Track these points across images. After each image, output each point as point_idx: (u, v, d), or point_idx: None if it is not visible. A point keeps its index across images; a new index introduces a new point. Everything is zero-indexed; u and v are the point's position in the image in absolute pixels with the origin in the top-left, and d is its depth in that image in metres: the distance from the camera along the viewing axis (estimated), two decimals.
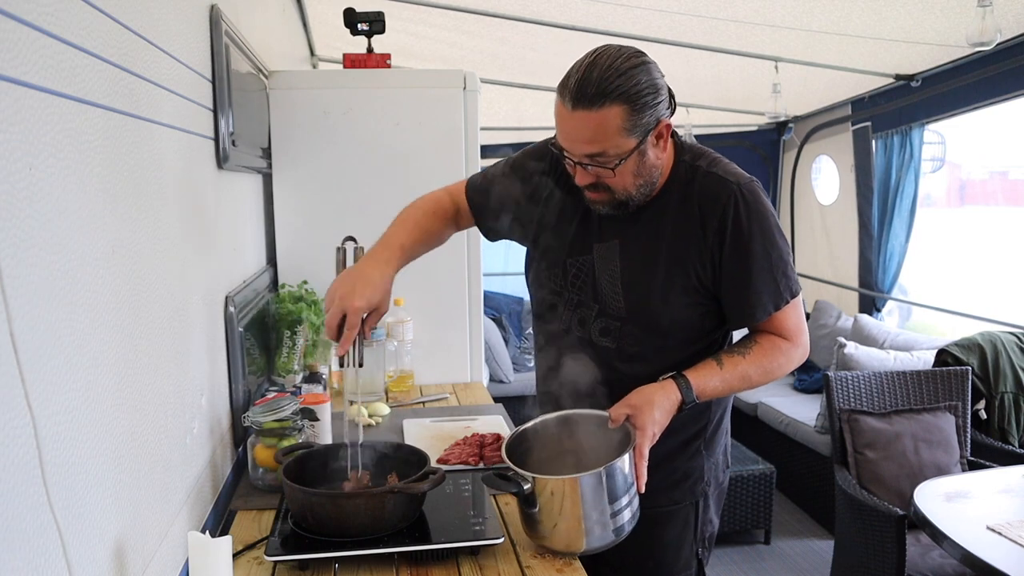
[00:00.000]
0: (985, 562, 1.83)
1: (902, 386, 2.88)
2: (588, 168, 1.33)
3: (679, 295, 1.40)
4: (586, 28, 3.26)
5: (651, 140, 1.32)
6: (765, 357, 1.40)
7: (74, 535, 0.81)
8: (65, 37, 0.83)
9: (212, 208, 1.60)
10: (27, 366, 0.71)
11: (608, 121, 1.26)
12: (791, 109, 4.91)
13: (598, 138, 1.28)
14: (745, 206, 1.35)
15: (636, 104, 1.27)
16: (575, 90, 1.26)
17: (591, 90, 1.25)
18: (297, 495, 1.29)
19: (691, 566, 1.56)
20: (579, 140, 1.30)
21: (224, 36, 1.60)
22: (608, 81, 1.25)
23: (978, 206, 12.52)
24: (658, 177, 1.39)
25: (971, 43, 2.58)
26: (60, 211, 0.81)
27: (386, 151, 2.40)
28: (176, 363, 1.26)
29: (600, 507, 1.26)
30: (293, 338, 2.08)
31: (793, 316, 1.41)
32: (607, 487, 1.26)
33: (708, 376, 1.37)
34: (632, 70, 1.27)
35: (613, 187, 1.35)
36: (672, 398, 1.34)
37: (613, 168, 1.31)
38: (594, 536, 1.28)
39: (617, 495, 1.27)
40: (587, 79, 1.26)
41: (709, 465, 1.54)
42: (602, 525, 1.28)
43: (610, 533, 1.29)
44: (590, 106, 1.26)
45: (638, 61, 1.29)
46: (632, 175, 1.34)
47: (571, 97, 1.27)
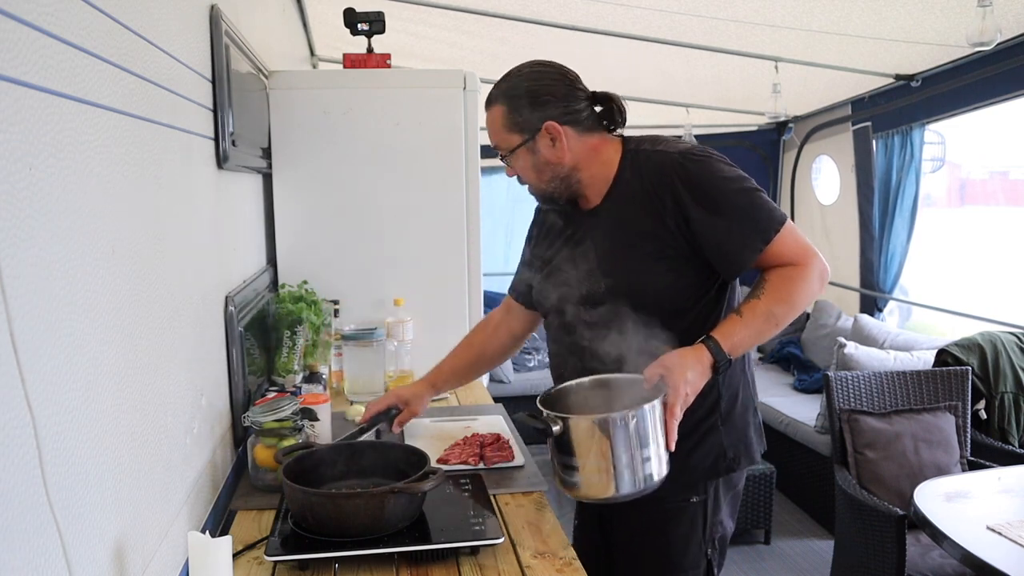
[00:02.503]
0: (985, 562, 1.83)
1: (902, 386, 2.87)
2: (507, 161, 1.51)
3: (653, 263, 1.45)
4: (586, 28, 3.26)
5: (542, 140, 1.46)
6: (781, 288, 1.41)
7: (74, 535, 0.81)
8: (65, 37, 0.83)
9: (212, 208, 1.60)
10: (27, 366, 0.71)
11: (494, 119, 1.49)
12: (791, 109, 4.91)
13: (491, 133, 1.51)
14: (693, 166, 1.43)
15: (511, 105, 1.46)
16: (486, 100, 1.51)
17: (489, 94, 1.51)
18: (297, 495, 1.29)
19: (699, 565, 1.55)
20: (489, 136, 1.53)
21: (224, 36, 1.60)
22: (497, 86, 1.49)
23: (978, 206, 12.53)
24: (574, 179, 1.50)
25: (971, 43, 2.58)
26: (60, 211, 0.81)
27: (386, 151, 2.40)
28: (176, 363, 1.26)
29: (629, 451, 1.28)
30: (293, 338, 2.08)
31: (789, 242, 1.43)
32: (636, 431, 1.27)
33: (732, 329, 1.39)
34: (517, 77, 1.49)
35: (526, 179, 1.52)
36: (704, 360, 1.36)
37: (505, 159, 1.50)
38: (624, 481, 1.29)
39: (646, 442, 1.28)
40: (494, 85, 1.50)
41: (731, 441, 1.55)
42: (631, 470, 1.29)
43: (640, 480, 1.30)
44: (488, 106, 1.50)
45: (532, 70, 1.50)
46: (532, 170, 1.49)
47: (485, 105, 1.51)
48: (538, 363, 5.09)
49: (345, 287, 2.42)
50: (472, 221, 2.46)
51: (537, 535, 1.41)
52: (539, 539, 1.39)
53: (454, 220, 2.44)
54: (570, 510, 4.16)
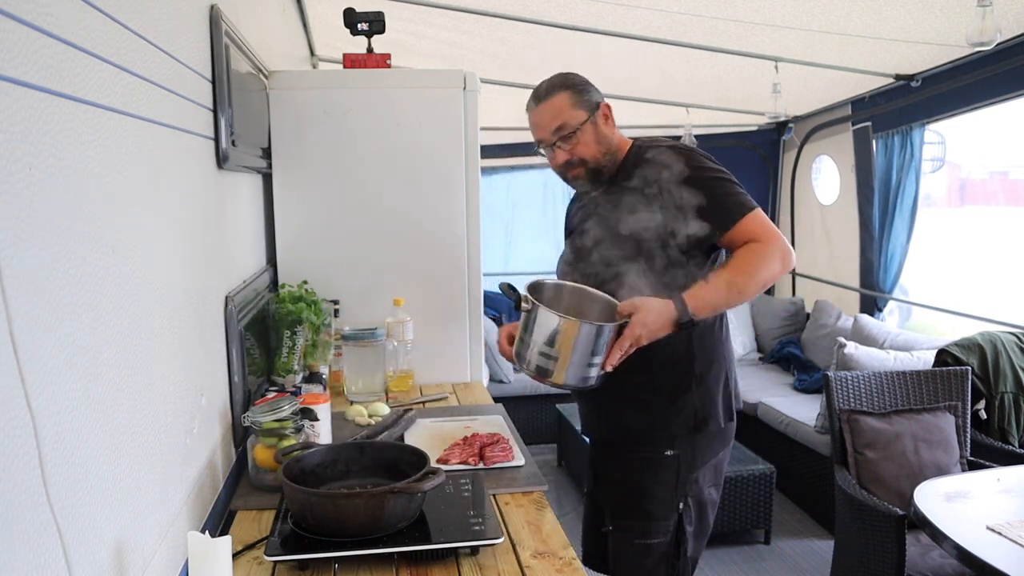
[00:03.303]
0: (985, 562, 1.83)
1: (902, 386, 2.87)
2: (559, 146, 1.74)
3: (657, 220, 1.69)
4: (586, 28, 3.26)
5: (599, 117, 1.76)
6: (743, 261, 1.63)
7: (74, 535, 0.81)
8: (65, 37, 0.83)
9: (212, 208, 1.60)
10: (27, 366, 0.71)
11: (560, 103, 1.73)
12: (791, 109, 4.91)
13: (555, 115, 1.73)
14: (679, 160, 1.69)
15: (575, 89, 1.75)
16: (533, 96, 1.78)
17: (544, 89, 1.77)
18: (297, 495, 1.29)
19: (670, 516, 1.76)
20: (544, 124, 1.75)
21: (224, 36, 1.60)
22: (552, 82, 1.77)
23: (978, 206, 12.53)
24: (616, 149, 1.78)
25: (971, 43, 2.58)
26: (60, 211, 0.81)
27: (386, 151, 2.40)
28: (176, 363, 1.26)
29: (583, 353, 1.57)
30: (293, 338, 2.08)
31: (756, 224, 1.66)
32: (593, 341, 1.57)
33: (698, 292, 1.61)
34: (565, 74, 1.79)
35: (583, 156, 1.75)
36: (669, 312, 1.59)
37: (575, 133, 1.72)
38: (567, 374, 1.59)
39: (597, 352, 1.58)
40: (541, 87, 1.78)
41: (702, 403, 1.76)
42: (579, 368, 1.59)
43: (579, 378, 1.60)
44: (545, 98, 1.75)
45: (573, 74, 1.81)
46: (594, 142, 1.75)
47: (532, 99, 1.78)
48: None
49: (345, 287, 2.42)
50: (472, 221, 2.46)
51: (537, 535, 1.41)
52: (539, 539, 1.39)
53: (454, 220, 2.45)
54: (571, 510, 4.16)
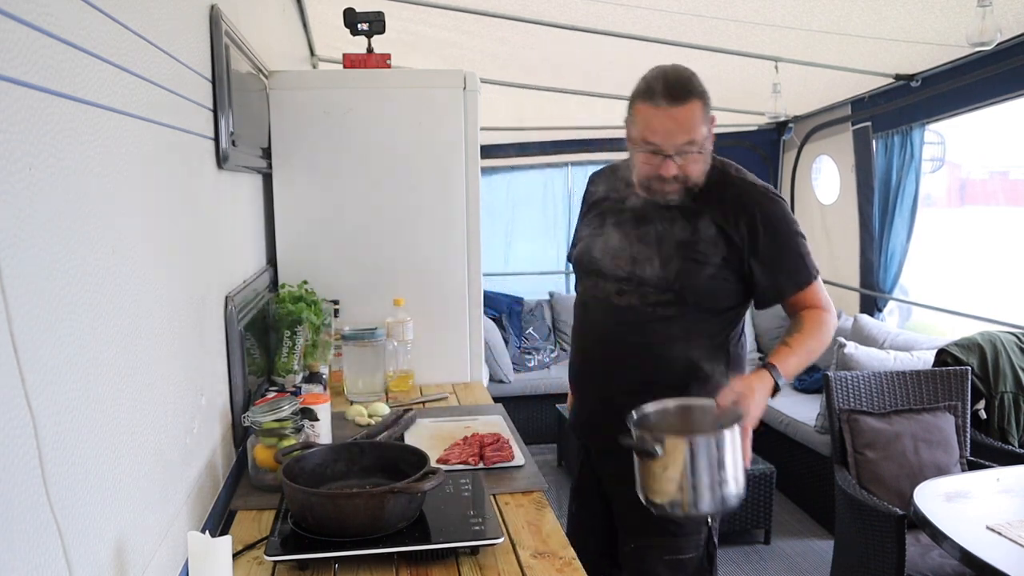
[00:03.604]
0: (985, 562, 1.83)
1: (902, 386, 2.87)
2: (675, 159, 1.58)
3: (712, 268, 1.64)
4: (586, 28, 3.26)
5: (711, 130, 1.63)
6: (817, 327, 1.66)
7: (74, 535, 0.81)
8: (65, 37, 0.83)
9: (212, 208, 1.60)
10: (27, 366, 0.71)
11: (694, 113, 1.55)
12: (791, 109, 4.91)
13: (689, 128, 1.56)
14: (772, 207, 1.66)
15: (705, 100, 1.58)
16: (665, 92, 1.54)
17: (683, 89, 1.55)
18: (297, 495, 1.29)
19: (701, 531, 1.73)
20: (675, 132, 1.56)
21: (224, 36, 1.60)
22: (689, 82, 1.57)
23: (978, 206, 12.53)
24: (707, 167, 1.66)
25: (971, 43, 2.58)
26: (60, 211, 0.81)
27: (386, 151, 2.40)
28: (176, 363, 1.26)
29: (711, 469, 1.41)
30: (293, 338, 2.08)
31: (818, 290, 1.69)
32: (717, 454, 1.41)
33: (786, 358, 1.61)
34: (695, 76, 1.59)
35: (690, 174, 1.61)
36: (768, 384, 1.56)
37: (700, 152, 1.59)
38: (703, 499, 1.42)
39: (724, 463, 1.42)
40: (673, 83, 1.55)
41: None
42: (711, 489, 1.42)
43: (718, 499, 1.43)
44: (682, 102, 1.54)
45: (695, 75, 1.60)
46: (704, 161, 1.63)
47: (664, 97, 1.54)
48: (537, 363, 5.09)
49: (345, 287, 2.42)
50: (472, 221, 2.46)
51: (537, 535, 1.41)
52: (539, 539, 1.39)
53: (454, 220, 2.45)
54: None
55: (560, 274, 5.79)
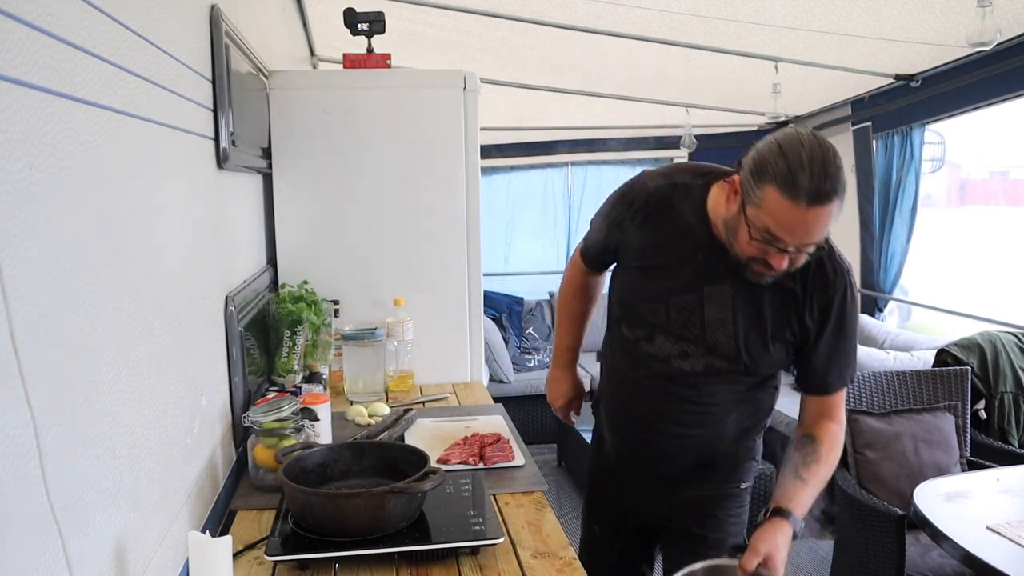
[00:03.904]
0: (985, 562, 1.83)
1: (902, 386, 2.87)
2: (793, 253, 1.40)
3: (780, 344, 1.54)
4: (586, 28, 3.26)
5: None
6: (833, 453, 1.55)
7: (74, 535, 0.81)
8: (65, 37, 0.83)
9: (212, 208, 1.60)
10: (27, 366, 0.71)
11: (833, 213, 1.34)
12: (791, 109, 4.91)
13: (825, 228, 1.37)
14: (851, 296, 1.54)
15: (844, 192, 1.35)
16: (812, 192, 1.31)
17: (827, 188, 1.31)
18: (297, 495, 1.29)
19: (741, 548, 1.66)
20: (813, 233, 1.36)
21: (224, 36, 1.60)
22: (837, 179, 1.33)
23: (978, 206, 12.53)
24: None
25: (971, 43, 2.58)
26: (60, 211, 0.81)
27: (386, 151, 2.40)
28: (176, 363, 1.26)
29: None
30: (293, 338, 2.08)
31: (843, 397, 1.60)
32: None
33: (802, 499, 1.50)
34: (842, 169, 1.34)
35: (796, 263, 1.44)
36: (788, 534, 1.46)
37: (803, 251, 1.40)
38: None
39: None
40: (820, 179, 1.31)
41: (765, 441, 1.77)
42: None
43: None
44: (828, 203, 1.32)
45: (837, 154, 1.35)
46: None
47: (808, 196, 1.31)
48: (537, 363, 5.09)
49: (345, 287, 2.42)
50: (472, 221, 2.46)
51: (537, 535, 1.41)
52: (539, 539, 1.39)
53: (454, 220, 2.45)
54: (571, 510, 4.15)
55: (560, 274, 5.79)
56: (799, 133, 1.36)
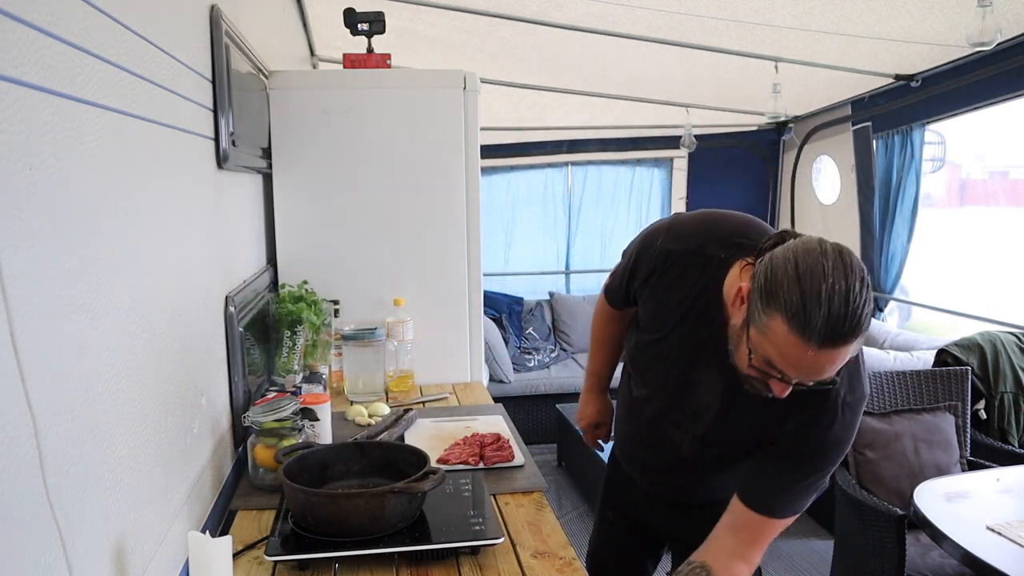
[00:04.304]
0: (985, 562, 1.83)
1: (902, 386, 2.87)
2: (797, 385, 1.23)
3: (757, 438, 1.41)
4: (586, 28, 3.26)
5: None
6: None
7: (74, 535, 0.81)
8: (65, 37, 0.83)
9: (212, 208, 1.60)
10: (27, 366, 0.71)
11: (850, 350, 1.15)
12: (791, 109, 4.91)
13: (837, 367, 1.17)
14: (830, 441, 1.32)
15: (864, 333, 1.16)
16: (828, 332, 1.11)
17: (845, 330, 1.11)
18: (297, 495, 1.29)
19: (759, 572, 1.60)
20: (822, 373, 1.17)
21: (224, 36, 1.60)
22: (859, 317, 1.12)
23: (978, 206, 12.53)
24: None
25: (971, 43, 2.58)
26: (60, 211, 0.81)
27: (386, 151, 2.40)
28: (176, 363, 1.26)
29: None
30: (293, 338, 2.08)
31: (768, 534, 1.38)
32: None
33: None
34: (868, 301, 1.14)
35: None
36: None
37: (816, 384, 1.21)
38: None
39: None
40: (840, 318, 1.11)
41: None
42: None
43: None
44: (844, 343, 1.12)
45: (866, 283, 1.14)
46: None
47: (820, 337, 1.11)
48: (537, 363, 5.09)
49: (345, 287, 2.42)
50: (472, 221, 2.46)
51: (537, 535, 1.41)
52: (539, 539, 1.39)
53: (454, 220, 2.45)
54: (571, 510, 4.15)
55: (560, 274, 5.80)
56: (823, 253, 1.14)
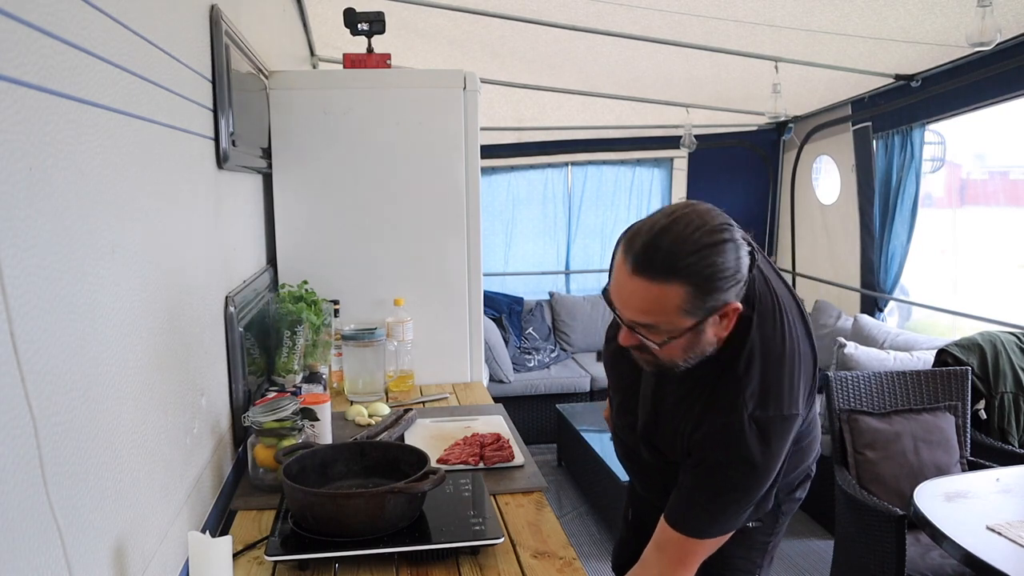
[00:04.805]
0: (985, 562, 1.83)
1: (902, 386, 2.87)
2: (635, 331, 1.22)
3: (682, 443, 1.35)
4: (586, 28, 3.26)
5: (713, 320, 1.19)
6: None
7: (74, 535, 0.81)
8: (65, 37, 0.83)
9: (212, 208, 1.60)
10: (27, 366, 0.71)
11: (668, 299, 1.14)
12: (791, 109, 4.91)
13: (653, 311, 1.16)
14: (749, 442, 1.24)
15: (703, 288, 1.14)
16: (640, 254, 1.13)
17: (658, 260, 1.12)
18: (297, 495, 1.29)
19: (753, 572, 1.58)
20: (632, 307, 1.18)
21: (224, 36, 1.60)
22: (679, 256, 1.12)
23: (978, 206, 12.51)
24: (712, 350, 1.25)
25: (971, 43, 2.58)
26: (60, 211, 0.81)
27: (386, 151, 2.40)
28: (176, 363, 1.26)
29: None
30: (293, 338, 2.08)
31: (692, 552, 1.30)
32: None
33: None
34: (708, 249, 1.12)
35: (657, 355, 1.25)
36: None
37: (660, 344, 1.20)
38: None
39: None
40: (656, 245, 1.12)
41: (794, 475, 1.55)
42: None
43: None
44: (653, 278, 1.13)
45: (720, 238, 1.14)
46: (681, 350, 1.23)
47: (633, 260, 1.13)
48: (537, 363, 5.09)
49: (345, 287, 2.42)
50: (472, 221, 2.46)
51: (537, 535, 1.41)
52: (539, 539, 1.39)
53: (454, 220, 2.45)
54: (571, 510, 4.15)
55: (560, 274, 5.80)
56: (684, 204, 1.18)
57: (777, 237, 5.60)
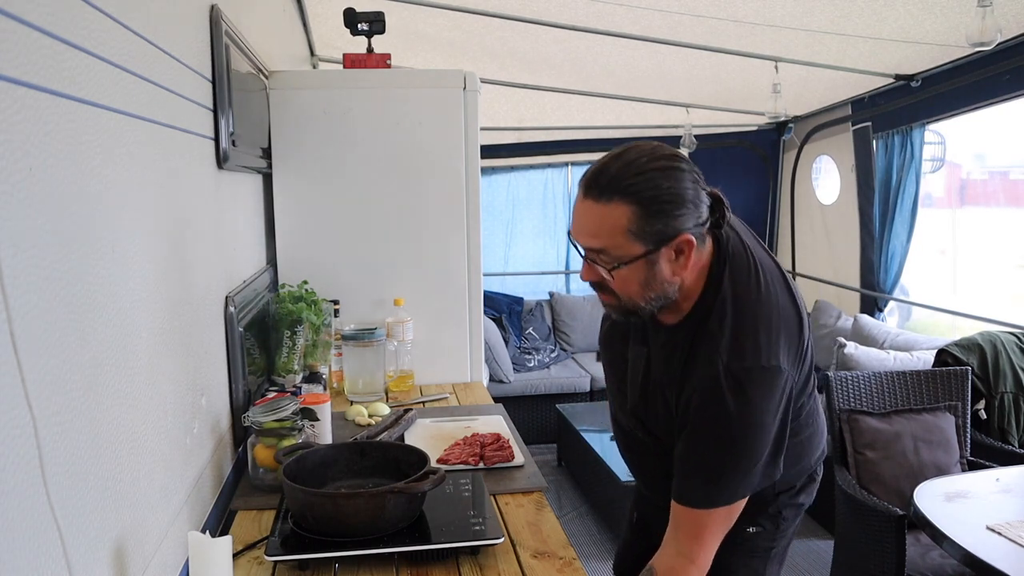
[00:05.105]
0: (985, 562, 1.83)
1: (902, 386, 2.87)
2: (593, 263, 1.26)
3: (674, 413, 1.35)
4: (586, 28, 3.26)
5: (667, 253, 1.22)
6: None
7: (74, 535, 0.81)
8: (65, 37, 0.83)
9: (212, 208, 1.60)
10: (27, 366, 0.71)
11: (613, 217, 1.19)
12: (791, 109, 4.91)
13: (601, 233, 1.21)
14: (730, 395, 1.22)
15: (648, 208, 1.18)
16: (589, 178, 1.21)
17: (603, 181, 1.19)
18: (297, 495, 1.29)
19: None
20: (583, 230, 1.24)
21: (224, 36, 1.60)
22: (623, 177, 1.18)
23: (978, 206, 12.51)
24: (675, 294, 1.28)
25: (971, 43, 2.58)
26: (60, 211, 0.81)
27: (386, 151, 2.40)
28: (176, 363, 1.26)
29: None
30: (293, 338, 2.08)
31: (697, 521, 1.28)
32: None
33: None
34: (654, 172, 1.18)
35: (616, 291, 1.27)
36: None
37: (611, 270, 1.23)
38: None
39: None
40: (604, 170, 1.20)
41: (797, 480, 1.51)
42: None
43: None
44: (598, 197, 1.20)
45: (667, 164, 1.20)
46: (638, 284, 1.25)
47: (584, 185, 1.22)
48: (537, 363, 5.09)
49: (345, 287, 2.42)
50: (472, 221, 2.46)
51: (537, 535, 1.41)
52: (539, 539, 1.39)
53: (454, 220, 2.45)
54: (571, 510, 4.15)
55: (560, 274, 5.80)
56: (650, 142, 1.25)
57: (777, 237, 5.60)
